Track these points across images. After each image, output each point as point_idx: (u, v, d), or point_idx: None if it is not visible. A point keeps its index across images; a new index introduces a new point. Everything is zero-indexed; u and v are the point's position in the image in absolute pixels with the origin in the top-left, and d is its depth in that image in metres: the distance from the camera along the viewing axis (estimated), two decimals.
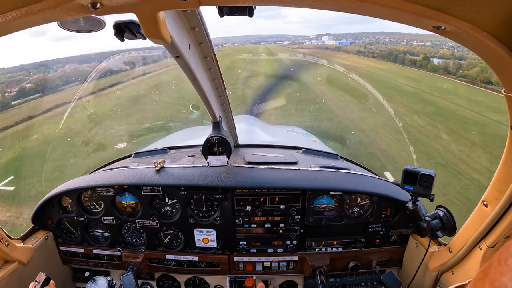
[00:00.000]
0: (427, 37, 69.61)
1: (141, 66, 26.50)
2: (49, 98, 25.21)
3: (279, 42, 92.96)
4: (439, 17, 1.16)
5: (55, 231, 3.19)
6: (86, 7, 1.14)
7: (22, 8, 1.13)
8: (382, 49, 68.73)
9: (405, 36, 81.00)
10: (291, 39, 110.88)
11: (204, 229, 3.06)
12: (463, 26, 1.18)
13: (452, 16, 1.16)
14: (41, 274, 2.35)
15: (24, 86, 27.72)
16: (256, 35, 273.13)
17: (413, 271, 2.81)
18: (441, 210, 2.60)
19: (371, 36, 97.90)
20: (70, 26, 1.46)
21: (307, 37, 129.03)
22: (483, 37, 1.22)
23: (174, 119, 18.02)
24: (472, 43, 1.33)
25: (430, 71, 45.63)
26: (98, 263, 3.26)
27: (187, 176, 2.91)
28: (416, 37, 73.83)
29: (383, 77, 38.50)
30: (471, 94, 29.40)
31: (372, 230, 3.06)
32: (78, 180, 3.07)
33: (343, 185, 2.93)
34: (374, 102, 20.72)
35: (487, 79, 32.52)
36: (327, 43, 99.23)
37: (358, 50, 72.86)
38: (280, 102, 21.76)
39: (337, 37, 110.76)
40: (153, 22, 1.26)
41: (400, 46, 70.62)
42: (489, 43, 1.24)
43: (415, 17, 1.19)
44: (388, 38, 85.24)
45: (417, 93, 30.01)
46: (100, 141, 14.49)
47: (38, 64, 36.51)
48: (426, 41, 69.18)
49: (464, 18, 1.16)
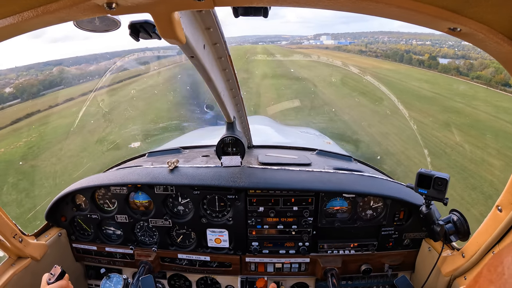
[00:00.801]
0: (427, 36, 68.83)
1: (156, 66, 26.74)
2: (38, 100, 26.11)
3: (277, 42, 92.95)
4: (455, 19, 1.14)
5: (68, 228, 3.23)
6: (101, 7, 1.14)
7: (38, 7, 1.13)
8: (383, 48, 67.85)
9: (404, 35, 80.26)
10: (289, 39, 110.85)
11: (216, 229, 3.06)
12: (479, 28, 1.16)
13: (468, 18, 1.14)
14: (57, 267, 2.36)
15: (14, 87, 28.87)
16: (253, 35, 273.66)
17: (425, 275, 2.77)
18: (455, 214, 2.55)
19: (369, 36, 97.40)
20: (86, 25, 1.47)
21: (305, 37, 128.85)
22: (499, 39, 1.20)
23: (188, 119, 18.15)
24: (488, 46, 1.30)
25: (441, 71, 44.25)
26: (111, 260, 3.29)
27: (200, 176, 2.91)
28: (415, 36, 73.10)
29: (394, 78, 36.69)
30: (493, 98, 27.71)
31: (385, 233, 3.02)
32: (92, 178, 3.10)
33: (356, 187, 2.90)
34: (394, 111, 18.94)
35: (504, 81, 31.18)
36: (325, 43, 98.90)
37: (360, 50, 72.05)
38: (294, 104, 21.66)
39: (335, 36, 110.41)
40: (168, 22, 1.26)
41: (401, 46, 69.79)
42: (505, 45, 1.22)
43: (430, 18, 1.16)
44: (387, 37, 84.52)
45: (437, 98, 28.27)
46: (114, 139, 14.66)
47: (28, 67, 37.51)
48: (425, 40, 68.39)
49: (480, 20, 1.14)
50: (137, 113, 19.66)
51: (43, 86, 30.72)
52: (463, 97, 29.70)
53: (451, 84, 35.91)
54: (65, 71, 33.06)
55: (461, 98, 28.83)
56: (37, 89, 29.98)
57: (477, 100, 27.65)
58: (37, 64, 40.65)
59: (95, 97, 12.55)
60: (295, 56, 45.33)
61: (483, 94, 29.67)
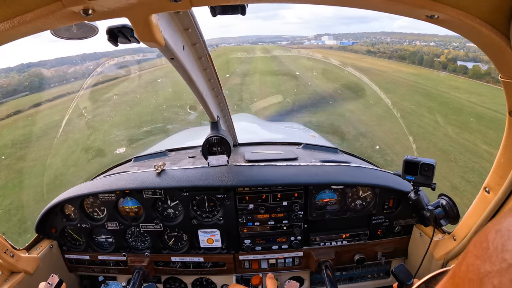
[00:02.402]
0: (430, 37, 68.88)
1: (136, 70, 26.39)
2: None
3: (277, 42, 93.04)
4: (432, 6, 1.16)
5: (59, 240, 3.19)
6: (78, 14, 1.13)
7: (14, 18, 1.12)
8: (390, 49, 66.63)
9: (407, 36, 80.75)
10: (289, 39, 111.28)
11: (208, 230, 3.06)
12: (456, 14, 1.18)
13: (444, 4, 1.16)
14: (54, 276, 2.33)
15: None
16: (253, 35, 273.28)
17: (418, 261, 2.82)
18: (444, 198, 2.60)
19: (371, 36, 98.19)
20: (63, 33, 1.46)
21: (306, 37, 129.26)
22: (477, 24, 1.22)
23: (172, 121, 17.97)
24: (466, 31, 1.33)
25: (473, 77, 38.34)
26: (104, 269, 3.26)
27: (188, 177, 2.91)
28: (419, 37, 73.33)
29: (429, 87, 30.61)
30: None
31: (376, 222, 3.07)
32: (80, 187, 3.07)
33: (344, 178, 2.93)
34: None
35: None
36: (327, 43, 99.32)
37: (368, 50, 70.22)
38: (277, 99, 21.44)
39: (336, 37, 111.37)
40: (146, 26, 1.26)
41: (409, 47, 68.13)
42: (483, 30, 1.24)
43: (408, 7, 1.19)
44: (389, 38, 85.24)
45: (500, 119, 19.87)
46: (99, 146, 14.46)
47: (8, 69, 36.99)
48: (429, 41, 67.98)
49: (457, 6, 1.16)
50: (121, 118, 19.40)
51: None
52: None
53: (497, 95, 26.06)
54: (41, 74, 32.49)
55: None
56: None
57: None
58: (21, 65, 39.87)
59: (77, 104, 12.30)
60: (302, 59, 42.37)
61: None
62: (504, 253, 0.45)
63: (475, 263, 0.49)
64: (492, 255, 0.46)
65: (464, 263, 0.52)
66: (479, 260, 0.48)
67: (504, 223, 0.49)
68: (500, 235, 0.48)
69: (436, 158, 2.46)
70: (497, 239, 0.48)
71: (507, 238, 0.46)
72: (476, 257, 0.49)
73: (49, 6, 1.10)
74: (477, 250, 0.50)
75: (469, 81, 37.46)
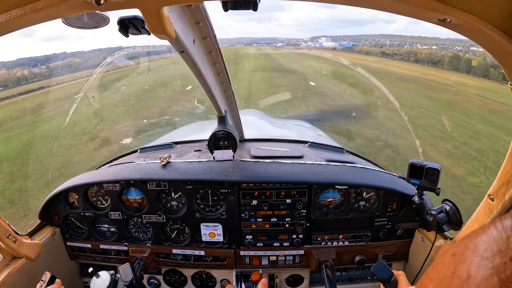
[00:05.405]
0: (432, 40, 67.43)
1: (145, 61, 26.45)
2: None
3: (272, 44, 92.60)
4: (444, 10, 1.14)
5: (62, 227, 3.22)
6: (90, 4, 1.13)
7: (26, 5, 1.12)
8: (403, 51, 64.04)
9: (407, 39, 79.68)
10: (285, 41, 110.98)
11: (210, 224, 3.07)
12: (469, 19, 1.17)
13: (457, 9, 1.14)
14: (46, 274, 2.38)
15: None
16: (248, 37, 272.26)
17: (419, 265, 2.81)
18: (447, 204, 2.60)
19: (370, 39, 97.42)
20: (75, 22, 1.46)
21: (302, 39, 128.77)
22: (489, 30, 1.20)
23: (179, 114, 17.95)
24: (478, 36, 1.32)
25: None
26: (105, 258, 3.29)
27: (193, 170, 2.92)
28: (419, 40, 72.01)
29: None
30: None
31: (378, 224, 3.06)
32: (85, 176, 3.09)
33: (348, 178, 2.92)
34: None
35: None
36: (325, 45, 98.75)
37: (383, 52, 67.44)
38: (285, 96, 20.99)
39: (334, 39, 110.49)
40: (158, 18, 1.26)
41: (421, 49, 66.16)
42: (494, 36, 1.22)
43: (420, 10, 1.17)
44: (389, 41, 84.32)
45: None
46: (106, 136, 14.52)
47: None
48: (431, 45, 66.49)
49: (470, 11, 1.15)
50: (128, 109, 19.45)
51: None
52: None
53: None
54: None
55: None
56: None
57: None
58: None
59: (85, 94, 12.35)
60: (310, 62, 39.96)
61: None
62: (453, 279, 0.44)
63: (427, 286, 0.49)
64: (442, 280, 0.47)
65: (421, 285, 0.52)
66: (431, 284, 0.49)
67: (460, 246, 0.49)
68: (454, 259, 0.47)
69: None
70: (451, 263, 0.47)
71: (459, 263, 0.46)
72: (430, 279, 0.50)
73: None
74: (434, 273, 0.50)
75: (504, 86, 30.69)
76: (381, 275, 2.27)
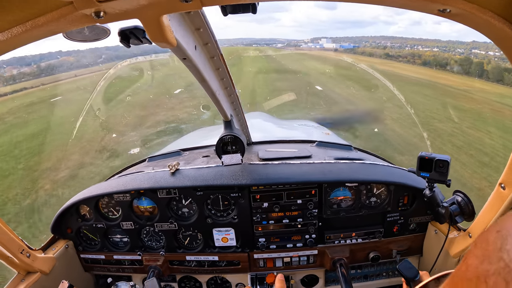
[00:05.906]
0: (433, 42, 66.82)
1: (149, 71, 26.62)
2: None
3: (272, 45, 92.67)
4: (444, 0, 1.13)
5: (75, 240, 3.24)
6: (90, 17, 1.13)
7: (27, 22, 1.13)
8: (406, 53, 63.10)
9: (408, 41, 79.11)
10: (285, 42, 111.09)
11: (222, 228, 3.07)
12: (468, 7, 1.15)
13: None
14: (64, 282, 2.39)
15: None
16: (248, 38, 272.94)
17: (433, 258, 2.79)
18: (459, 195, 2.57)
19: (371, 40, 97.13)
20: (76, 36, 1.46)
21: (302, 40, 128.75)
22: (489, 17, 1.19)
23: (186, 121, 18.03)
24: (479, 25, 1.30)
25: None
26: (119, 268, 3.30)
27: (202, 176, 2.92)
28: (420, 42, 71.33)
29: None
30: None
31: (391, 219, 3.03)
32: (95, 188, 3.11)
33: (358, 175, 2.91)
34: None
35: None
36: (325, 46, 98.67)
37: (387, 53, 66.63)
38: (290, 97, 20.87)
39: (334, 40, 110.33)
40: (158, 26, 1.26)
41: (423, 51, 64.43)
42: (495, 23, 1.21)
43: (420, 2, 1.16)
44: (389, 43, 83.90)
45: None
46: (113, 147, 14.63)
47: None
48: (432, 47, 65.57)
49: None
50: (134, 119, 19.58)
51: None
52: None
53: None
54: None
55: None
56: None
57: None
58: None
59: (91, 106, 12.47)
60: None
61: None
62: (502, 253, 0.45)
63: (473, 263, 0.50)
64: (490, 255, 0.47)
65: (464, 263, 0.53)
66: (477, 260, 0.49)
67: (506, 223, 0.50)
68: (500, 235, 0.48)
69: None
70: (497, 239, 0.48)
71: (506, 238, 0.47)
72: (475, 257, 0.50)
73: (61, 9, 1.10)
74: (477, 250, 0.51)
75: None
76: (407, 273, 2.24)
